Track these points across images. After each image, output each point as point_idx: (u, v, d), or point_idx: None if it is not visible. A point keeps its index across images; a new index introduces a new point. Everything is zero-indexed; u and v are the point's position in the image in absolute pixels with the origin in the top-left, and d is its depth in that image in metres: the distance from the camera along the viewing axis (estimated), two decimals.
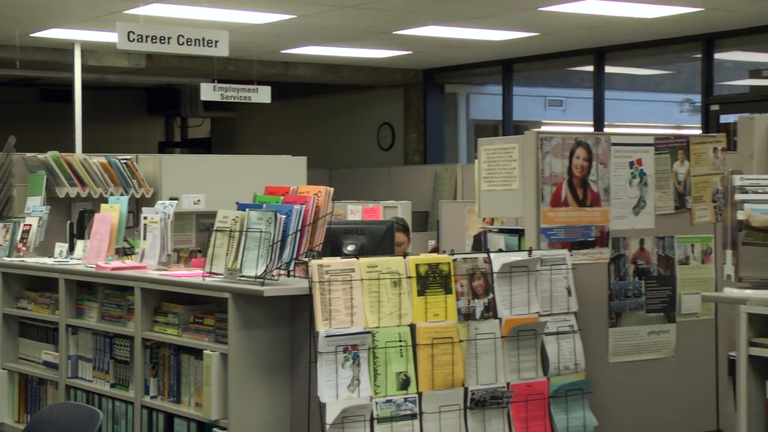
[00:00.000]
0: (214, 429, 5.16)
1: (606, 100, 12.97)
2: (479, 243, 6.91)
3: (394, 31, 11.25)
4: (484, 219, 7.13)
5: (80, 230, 6.98)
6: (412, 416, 4.84)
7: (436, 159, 14.58)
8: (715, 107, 11.66)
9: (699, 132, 11.30)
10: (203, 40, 9.21)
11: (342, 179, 13.85)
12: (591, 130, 12.57)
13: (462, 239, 8.35)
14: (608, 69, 12.93)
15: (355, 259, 4.93)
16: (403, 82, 14.74)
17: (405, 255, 5.21)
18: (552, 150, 5.63)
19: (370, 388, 4.76)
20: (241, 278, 5.07)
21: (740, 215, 4.70)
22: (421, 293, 4.98)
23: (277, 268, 5.01)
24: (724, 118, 11.42)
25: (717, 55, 11.72)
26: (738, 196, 4.73)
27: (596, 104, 12.87)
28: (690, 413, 6.05)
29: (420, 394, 4.87)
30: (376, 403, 4.76)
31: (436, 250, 9.27)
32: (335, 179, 13.96)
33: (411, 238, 7.19)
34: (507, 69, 13.76)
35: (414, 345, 4.89)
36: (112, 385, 5.99)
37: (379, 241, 5.63)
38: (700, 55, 11.66)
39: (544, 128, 15.09)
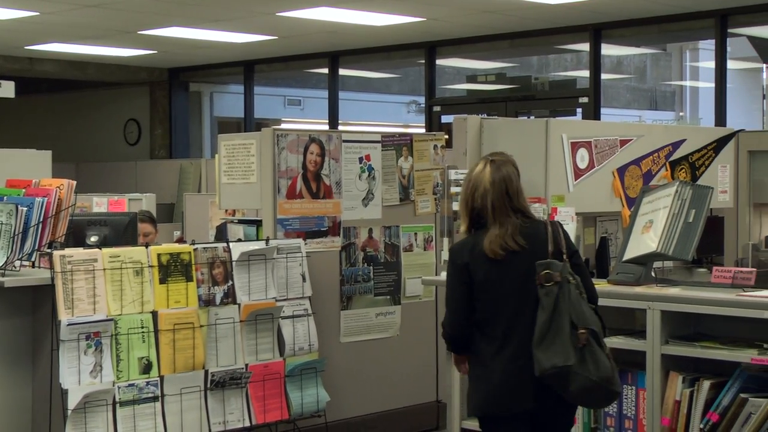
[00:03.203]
0: None
1: (340, 101, 13.14)
2: (221, 233, 6.87)
3: (139, 30, 10.97)
4: (226, 210, 7.09)
5: None
6: (154, 399, 4.76)
7: (182, 154, 14.37)
8: (437, 108, 12.04)
9: (423, 131, 11.63)
10: None
11: (89, 173, 13.40)
12: (327, 128, 12.72)
13: (206, 230, 8.27)
14: (342, 71, 13.11)
15: (98, 249, 4.79)
16: (149, 80, 14.44)
17: (147, 245, 5.11)
18: (288, 146, 5.67)
19: (112, 373, 4.65)
20: None
21: (455, 206, 4.88)
22: (162, 281, 4.90)
23: (18, 259, 4.79)
24: (446, 119, 11.81)
25: (439, 61, 12.10)
26: (454, 189, 4.91)
27: (331, 104, 13.03)
28: (413, 386, 6.24)
29: (162, 378, 4.80)
30: (119, 388, 4.65)
31: (180, 240, 9.13)
32: (82, 173, 13.48)
33: (158, 229, 7.04)
34: (248, 69, 13.72)
35: (156, 331, 4.81)
36: None
37: (122, 232, 5.48)
38: (423, 61, 12.01)
39: (283, 126, 15.15)
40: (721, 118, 9.75)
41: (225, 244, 5.21)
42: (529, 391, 3.63)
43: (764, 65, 13.49)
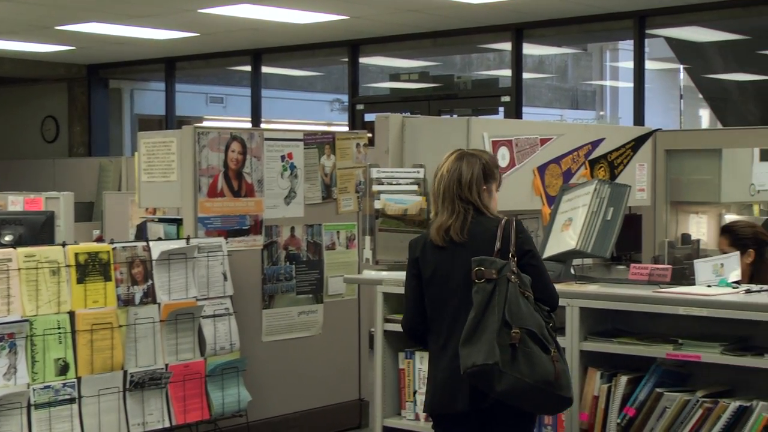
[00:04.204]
0: None
1: (263, 98, 13.09)
2: (141, 232, 6.79)
3: (57, 26, 10.79)
4: (146, 209, 7.01)
5: None
6: (71, 401, 4.68)
7: (101, 152, 14.17)
8: (360, 107, 12.06)
9: (346, 129, 11.64)
10: None
11: (4, 171, 13.15)
12: (249, 126, 12.65)
13: (126, 229, 8.16)
14: (265, 69, 13.06)
15: (12, 249, 4.70)
16: (67, 76, 14.21)
17: (64, 244, 5.03)
18: (209, 144, 5.63)
19: (27, 375, 4.56)
20: None
21: (377, 204, 4.90)
22: (80, 281, 4.82)
23: None
24: (369, 117, 11.83)
25: (362, 60, 12.13)
26: (375, 187, 4.93)
27: (254, 102, 12.97)
28: (336, 385, 6.25)
29: (79, 379, 4.73)
30: (34, 390, 4.57)
31: (99, 239, 9.00)
32: None
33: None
34: (170, 67, 13.59)
35: (73, 331, 4.74)
36: None
37: (38, 231, 5.39)
38: (347, 59, 12.02)
39: (205, 123, 15.04)
40: (639, 118, 9.93)
41: (145, 243, 5.15)
42: (466, 391, 3.59)
43: (681, 66, 13.77)
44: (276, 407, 5.90)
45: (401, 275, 4.76)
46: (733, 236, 5.14)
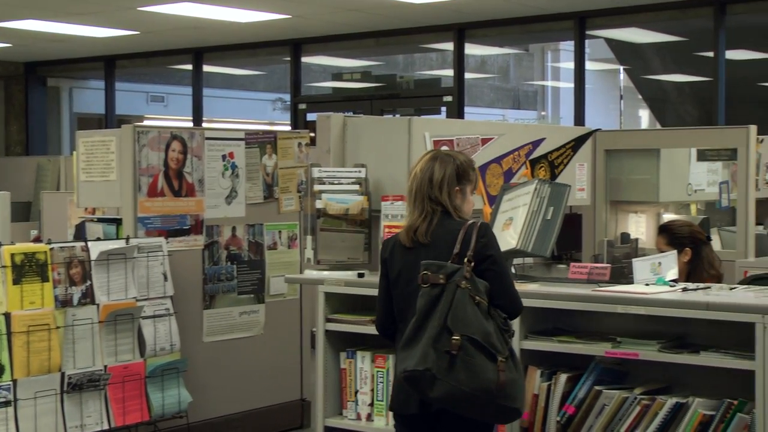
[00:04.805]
0: None
1: (205, 98, 13.02)
2: (80, 232, 6.71)
3: None
4: (85, 209, 6.93)
5: None
6: (6, 404, 4.62)
7: (39, 151, 13.98)
8: (302, 106, 12.04)
9: (289, 128, 11.61)
10: None
11: None
12: (191, 125, 12.57)
13: (64, 229, 8.06)
14: (207, 68, 12.99)
15: None
16: (4, 74, 14.01)
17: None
18: (149, 143, 5.59)
19: None
20: None
21: (318, 204, 4.90)
22: (16, 282, 4.76)
23: None
24: (312, 116, 11.82)
25: (304, 59, 12.11)
26: (316, 187, 4.93)
27: (195, 101, 12.89)
28: (278, 385, 6.23)
29: (15, 382, 4.66)
30: None
31: (37, 239, 8.88)
32: None
33: None
34: (109, 65, 13.46)
35: (9, 333, 4.67)
36: None
37: None
38: (289, 58, 12.00)
39: (146, 123, 14.91)
40: (580, 118, 10.04)
41: (83, 243, 5.09)
42: (416, 394, 3.56)
43: (621, 67, 13.95)
44: (217, 408, 5.87)
45: (343, 275, 4.78)
46: (670, 235, 5.21)
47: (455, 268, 3.54)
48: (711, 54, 9.40)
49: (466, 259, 3.56)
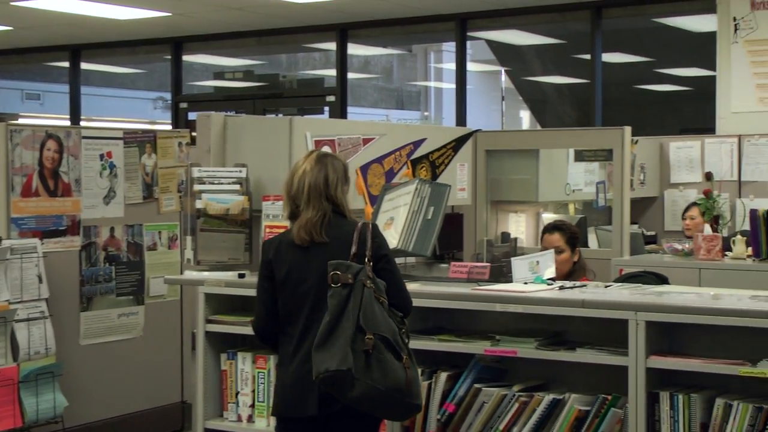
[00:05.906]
0: None
1: (84, 96, 12.74)
2: None
3: None
4: None
5: None
6: None
7: None
8: (184, 105, 11.89)
9: (170, 128, 11.45)
10: None
11: None
12: (69, 123, 12.29)
13: None
14: (85, 66, 12.71)
15: None
16: None
17: None
18: (22, 142, 5.45)
19: None
20: None
21: (198, 204, 4.84)
22: None
23: None
24: (193, 116, 11.67)
25: (186, 57, 11.96)
26: (197, 187, 4.86)
27: (72, 99, 12.61)
28: (158, 388, 6.15)
29: None
30: None
31: None
32: None
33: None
34: None
35: None
36: None
37: None
38: (170, 57, 11.83)
39: (21, 121, 14.51)
40: (461, 119, 10.15)
41: None
42: (314, 396, 3.56)
43: (502, 68, 14.16)
44: (95, 412, 5.76)
45: (223, 275, 4.73)
46: (567, 233, 5.27)
47: (359, 267, 3.55)
48: (588, 56, 9.63)
49: (366, 259, 3.58)
